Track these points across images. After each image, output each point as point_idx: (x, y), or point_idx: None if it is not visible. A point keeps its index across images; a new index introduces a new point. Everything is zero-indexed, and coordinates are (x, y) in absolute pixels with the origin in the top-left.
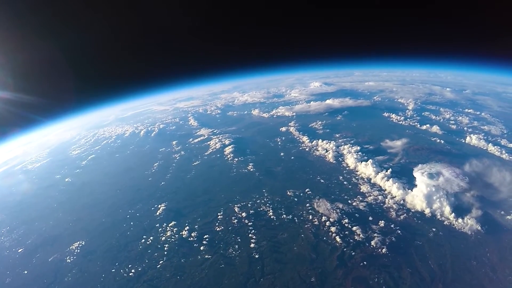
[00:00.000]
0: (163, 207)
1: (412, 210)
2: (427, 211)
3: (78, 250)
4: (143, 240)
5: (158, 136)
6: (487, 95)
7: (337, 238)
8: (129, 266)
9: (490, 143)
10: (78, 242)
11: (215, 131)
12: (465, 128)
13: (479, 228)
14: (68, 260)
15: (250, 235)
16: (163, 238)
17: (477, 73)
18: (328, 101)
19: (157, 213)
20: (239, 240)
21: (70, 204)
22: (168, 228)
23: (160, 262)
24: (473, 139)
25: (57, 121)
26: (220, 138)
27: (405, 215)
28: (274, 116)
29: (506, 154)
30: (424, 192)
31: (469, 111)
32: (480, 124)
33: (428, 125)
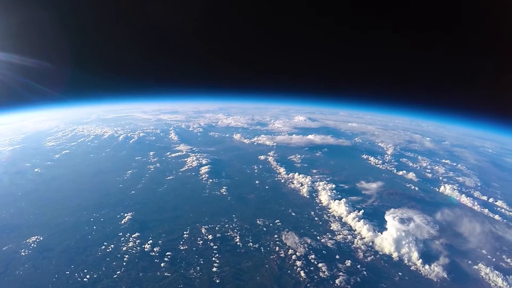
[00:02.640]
0: (129, 217)
1: (380, 253)
2: (395, 255)
3: (35, 245)
4: (103, 247)
5: (136, 144)
6: (465, 148)
7: (302, 273)
8: (85, 271)
9: (463, 194)
10: (36, 237)
11: (194, 148)
12: (440, 178)
13: (445, 275)
14: (23, 253)
15: (213, 258)
16: (124, 248)
17: (457, 126)
18: (310, 136)
19: (122, 222)
20: (201, 262)
21: (35, 196)
22: (131, 238)
23: (118, 272)
24: (447, 189)
25: (39, 108)
26: (197, 156)
27: (372, 257)
28: (255, 143)
29: (478, 206)
30: (393, 236)
31: (446, 161)
32: (455, 175)
33: (404, 171)
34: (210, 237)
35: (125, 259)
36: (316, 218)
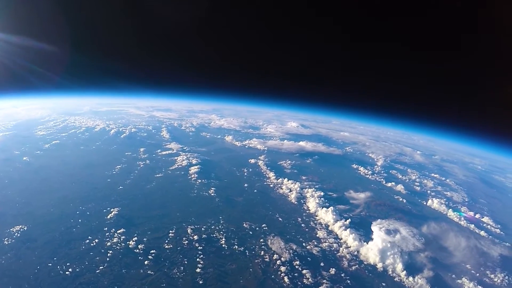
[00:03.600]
0: (116, 212)
1: (365, 263)
2: (379, 265)
3: (19, 234)
4: (87, 241)
5: (127, 139)
6: (455, 163)
7: (286, 279)
8: (67, 264)
9: (451, 209)
10: (21, 226)
11: (185, 148)
12: (429, 191)
13: None
14: (6, 242)
15: (198, 259)
16: (109, 244)
17: (448, 141)
18: (301, 143)
19: (108, 217)
20: (185, 262)
21: (22, 185)
22: (116, 234)
23: (100, 267)
24: (434, 203)
25: (33, 95)
26: (188, 156)
27: (357, 266)
28: (246, 146)
29: (465, 221)
30: (379, 246)
31: (435, 175)
32: (444, 190)
33: (393, 183)
34: (195, 237)
35: (108, 254)
36: (302, 225)
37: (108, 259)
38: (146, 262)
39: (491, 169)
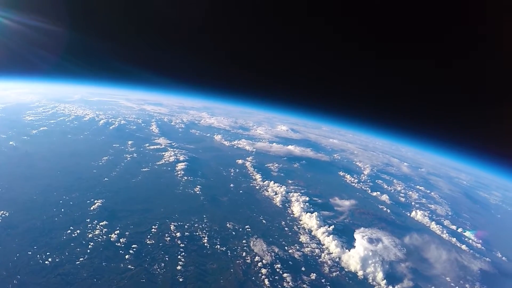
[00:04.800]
0: (99, 204)
1: (346, 270)
2: (360, 273)
3: (0, 220)
4: (69, 231)
5: (116, 130)
6: (441, 177)
7: (266, 281)
8: (47, 253)
9: (434, 221)
10: (2, 212)
11: (173, 144)
12: (413, 203)
13: None
14: None
15: (179, 256)
16: (90, 235)
17: (436, 155)
18: (290, 147)
19: (92, 208)
20: (167, 259)
21: (6, 169)
22: (98, 226)
23: (81, 259)
24: (418, 214)
25: (25, 78)
26: (176, 152)
27: (338, 272)
28: (235, 146)
29: (447, 234)
30: (361, 254)
31: (420, 188)
32: (428, 202)
33: (378, 193)
34: (178, 234)
35: (89, 246)
36: (286, 228)
37: (88, 251)
38: (127, 257)
39: (476, 185)
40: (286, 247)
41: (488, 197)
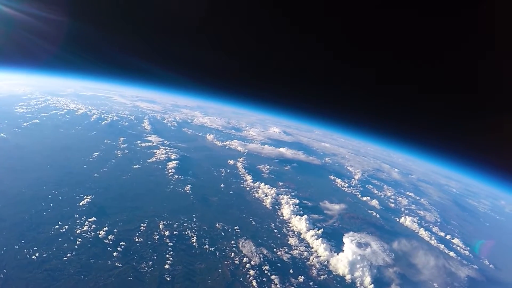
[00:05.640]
0: (88, 199)
1: (334, 273)
2: (348, 277)
3: None
4: (57, 226)
5: (108, 126)
6: (431, 184)
7: (254, 282)
8: (35, 248)
9: (422, 228)
10: None
11: (165, 142)
12: (402, 209)
13: None
14: None
15: (167, 255)
16: (78, 231)
17: (427, 162)
18: (281, 149)
19: (81, 204)
20: (155, 257)
21: None
22: (86, 222)
23: (68, 255)
24: (407, 220)
25: (18, 70)
26: (167, 150)
27: (326, 276)
28: (227, 147)
29: (435, 240)
30: (349, 258)
31: (410, 194)
32: (417, 209)
33: (368, 198)
34: (167, 233)
35: (77, 242)
36: (275, 230)
37: (76, 247)
38: (114, 254)
39: (465, 193)
40: (274, 249)
41: (477, 205)
